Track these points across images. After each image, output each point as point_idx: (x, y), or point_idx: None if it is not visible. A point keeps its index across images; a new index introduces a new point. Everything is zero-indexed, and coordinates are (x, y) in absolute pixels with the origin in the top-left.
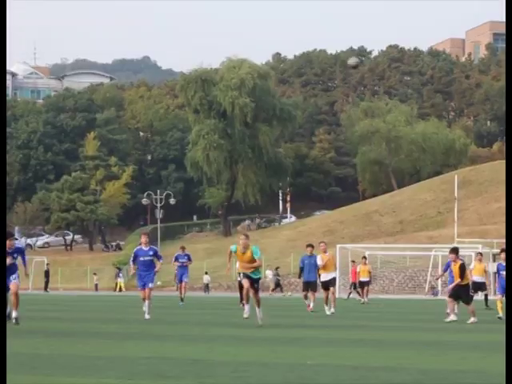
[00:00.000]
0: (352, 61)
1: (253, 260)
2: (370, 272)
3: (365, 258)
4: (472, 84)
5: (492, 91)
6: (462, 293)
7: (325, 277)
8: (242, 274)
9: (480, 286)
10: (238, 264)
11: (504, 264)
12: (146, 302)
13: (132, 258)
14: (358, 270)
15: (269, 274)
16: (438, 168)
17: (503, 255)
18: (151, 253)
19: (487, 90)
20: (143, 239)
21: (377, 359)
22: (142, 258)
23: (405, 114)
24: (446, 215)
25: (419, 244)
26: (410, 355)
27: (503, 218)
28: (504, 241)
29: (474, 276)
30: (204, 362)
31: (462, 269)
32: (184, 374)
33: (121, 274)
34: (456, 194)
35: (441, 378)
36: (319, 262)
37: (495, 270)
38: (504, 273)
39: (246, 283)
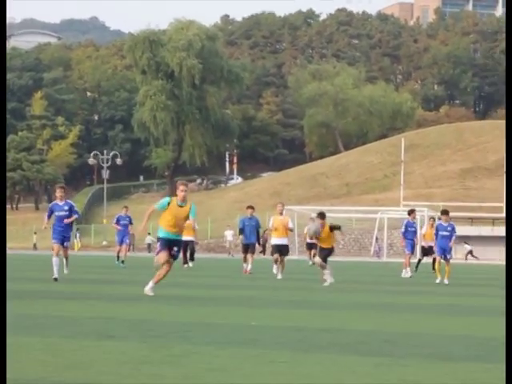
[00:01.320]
0: None
1: (186, 219)
2: None
3: (312, 219)
4: (420, 48)
5: (440, 55)
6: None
7: (276, 241)
8: (162, 241)
9: (429, 251)
10: (162, 223)
11: (444, 224)
12: (64, 259)
13: (48, 213)
14: (305, 231)
15: (228, 234)
16: (384, 131)
17: (444, 217)
18: (66, 207)
19: (435, 54)
20: (58, 193)
21: (321, 321)
22: (57, 213)
23: (352, 77)
24: (392, 178)
25: (365, 206)
26: (354, 317)
27: (448, 182)
28: (449, 204)
29: (426, 241)
30: (148, 322)
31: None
32: (128, 333)
33: (78, 234)
34: (402, 158)
35: (384, 340)
36: (271, 223)
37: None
38: (443, 233)
39: (162, 256)
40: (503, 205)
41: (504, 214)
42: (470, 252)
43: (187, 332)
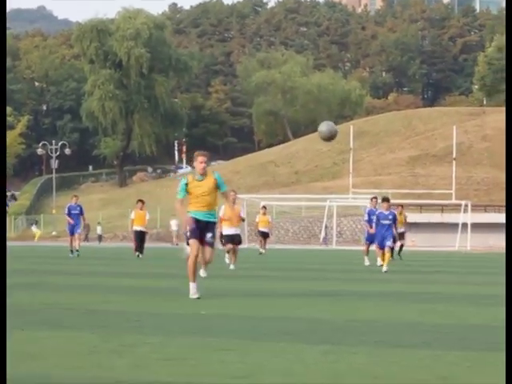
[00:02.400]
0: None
1: (213, 194)
2: (269, 222)
3: (264, 207)
4: (368, 35)
5: (388, 42)
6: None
7: (228, 230)
8: (190, 220)
9: (400, 237)
10: (190, 208)
11: (385, 213)
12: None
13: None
14: (257, 219)
15: (173, 224)
16: (333, 119)
17: (385, 204)
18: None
19: (383, 42)
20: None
21: (271, 309)
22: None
23: (301, 64)
24: (342, 166)
25: (314, 194)
26: (303, 305)
27: (397, 169)
28: (398, 191)
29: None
30: (98, 312)
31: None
32: (79, 323)
33: (35, 224)
34: (351, 145)
35: (333, 328)
36: (220, 213)
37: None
38: (385, 222)
39: (195, 246)
40: (452, 191)
41: (453, 201)
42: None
43: (137, 322)
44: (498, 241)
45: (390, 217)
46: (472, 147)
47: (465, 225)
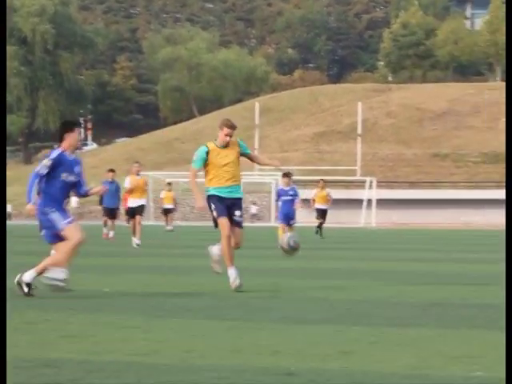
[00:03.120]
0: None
1: (236, 164)
2: (174, 199)
3: (169, 184)
4: (273, 12)
5: (293, 19)
6: None
7: (132, 202)
8: (214, 199)
9: (324, 213)
10: (209, 182)
11: (285, 188)
12: None
13: None
14: (162, 196)
15: (72, 201)
16: (239, 95)
17: (285, 180)
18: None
19: (288, 18)
20: None
21: (174, 286)
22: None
23: (207, 41)
24: (247, 142)
25: None
26: (207, 281)
27: (303, 145)
28: (304, 167)
29: (318, 204)
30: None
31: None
32: None
33: None
34: (257, 122)
35: (237, 305)
36: (127, 184)
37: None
38: (286, 198)
39: (226, 225)
40: (357, 168)
41: (359, 177)
42: (254, 215)
43: (40, 299)
44: (402, 216)
45: (291, 192)
46: (377, 124)
47: (370, 201)
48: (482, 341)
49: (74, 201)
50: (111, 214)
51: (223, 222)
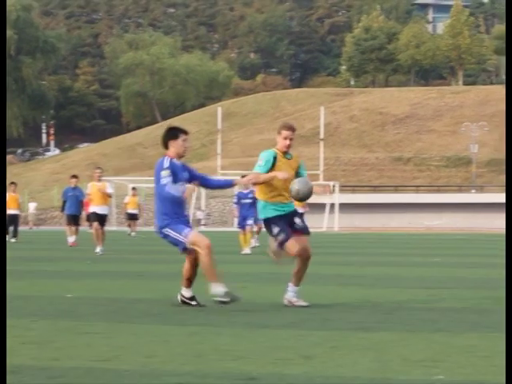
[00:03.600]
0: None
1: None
2: (138, 204)
3: (134, 189)
4: (236, 16)
5: (255, 23)
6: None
7: (95, 209)
8: (277, 222)
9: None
10: (264, 194)
11: (244, 192)
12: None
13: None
14: (126, 201)
15: (31, 206)
16: (201, 100)
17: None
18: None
19: (250, 23)
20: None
21: (136, 291)
22: None
23: (169, 46)
24: (210, 147)
25: None
26: (170, 286)
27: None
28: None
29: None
30: None
31: None
32: None
33: None
34: (219, 126)
35: (200, 309)
36: (88, 190)
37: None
38: (245, 201)
39: (294, 246)
40: (320, 172)
41: (321, 182)
42: (199, 221)
43: None
44: (365, 221)
45: (250, 195)
46: (339, 128)
47: (332, 205)
48: (444, 344)
49: (32, 207)
50: (74, 220)
51: (291, 245)
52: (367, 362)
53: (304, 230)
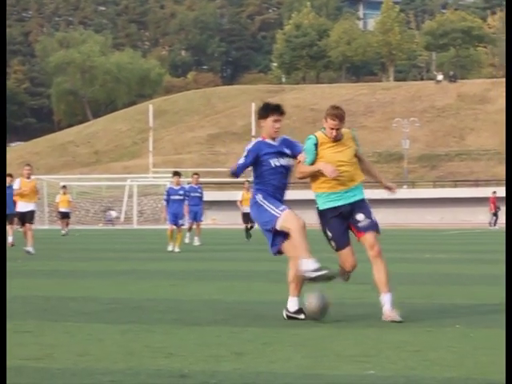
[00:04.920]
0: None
1: (355, 161)
2: (70, 202)
3: (64, 187)
4: (167, 14)
5: (186, 21)
6: None
7: (22, 207)
8: (328, 215)
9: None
10: (317, 185)
11: (175, 188)
12: None
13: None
14: (57, 200)
15: None
16: (133, 98)
17: (175, 179)
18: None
19: (182, 20)
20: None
21: (68, 290)
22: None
23: (100, 44)
24: (141, 145)
25: (115, 174)
26: (102, 285)
27: (198, 147)
28: (198, 169)
29: (243, 206)
30: None
31: None
32: None
33: None
34: (151, 124)
35: (131, 307)
36: (16, 186)
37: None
38: (175, 198)
39: (349, 256)
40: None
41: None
42: (112, 220)
43: None
44: (302, 216)
45: (181, 192)
46: None
47: None
48: (375, 340)
49: None
50: (9, 219)
51: (345, 254)
52: (299, 358)
53: (367, 229)
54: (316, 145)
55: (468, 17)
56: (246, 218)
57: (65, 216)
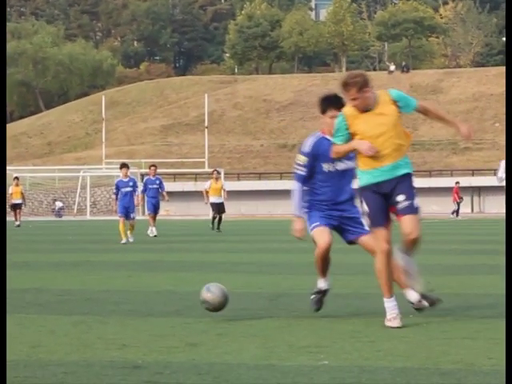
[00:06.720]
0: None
1: (400, 126)
2: (22, 193)
3: (17, 178)
4: (119, 4)
5: (139, 12)
6: None
7: None
8: (367, 192)
9: (219, 207)
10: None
11: (125, 180)
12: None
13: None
14: (10, 191)
15: None
16: (85, 89)
17: (123, 170)
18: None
19: (134, 11)
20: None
21: (21, 281)
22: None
23: (52, 35)
24: (94, 136)
25: (68, 165)
26: (55, 276)
27: (151, 138)
28: (152, 160)
29: (213, 197)
30: None
31: None
32: None
33: None
34: (103, 115)
35: (85, 299)
36: None
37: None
38: (125, 190)
39: (384, 238)
40: (205, 160)
41: (207, 169)
42: (59, 211)
43: None
44: (251, 208)
45: (131, 183)
46: (224, 115)
47: None
48: (329, 330)
49: None
50: None
51: (381, 236)
52: (253, 349)
53: (406, 211)
54: (345, 121)
55: (420, 7)
56: (215, 207)
57: (17, 207)
